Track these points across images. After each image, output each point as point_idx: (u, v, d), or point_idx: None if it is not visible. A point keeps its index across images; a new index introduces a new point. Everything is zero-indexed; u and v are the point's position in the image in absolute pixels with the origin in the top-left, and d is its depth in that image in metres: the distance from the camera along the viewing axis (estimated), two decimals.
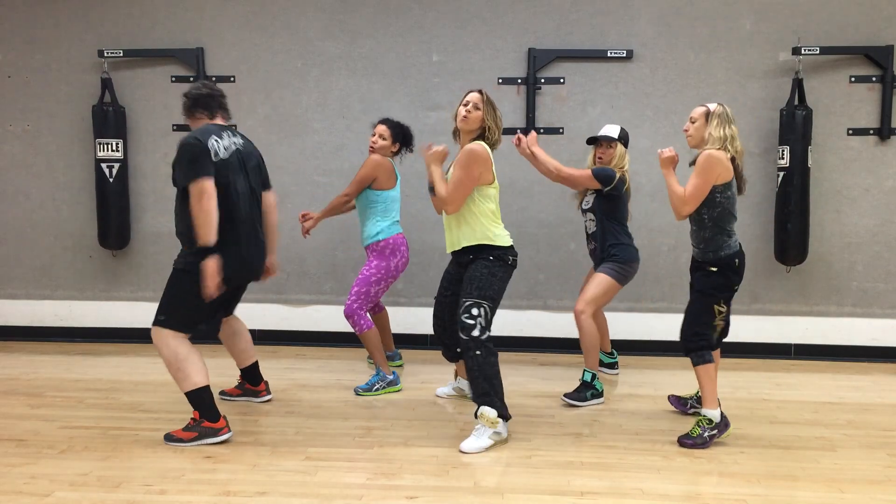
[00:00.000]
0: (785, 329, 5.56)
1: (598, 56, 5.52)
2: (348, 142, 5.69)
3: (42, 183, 5.84)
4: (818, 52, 5.33)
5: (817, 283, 5.54)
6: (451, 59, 5.62)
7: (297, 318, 5.79)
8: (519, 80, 5.59)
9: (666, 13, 5.49)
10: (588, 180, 4.41)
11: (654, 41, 5.51)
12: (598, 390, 4.29)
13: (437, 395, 4.40)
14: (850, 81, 5.42)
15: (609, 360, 4.99)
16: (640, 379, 4.89)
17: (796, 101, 5.32)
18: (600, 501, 2.95)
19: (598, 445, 3.58)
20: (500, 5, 5.57)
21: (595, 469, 3.28)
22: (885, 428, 3.92)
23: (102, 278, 5.87)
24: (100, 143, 5.56)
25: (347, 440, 3.61)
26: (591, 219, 4.53)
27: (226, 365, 4.61)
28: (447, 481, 3.13)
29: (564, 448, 3.54)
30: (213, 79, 5.56)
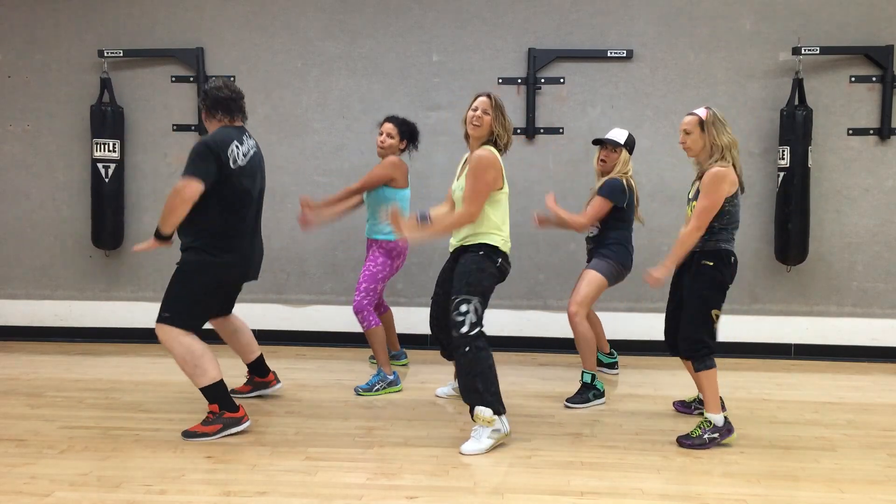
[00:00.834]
0: (785, 329, 5.56)
1: (598, 56, 5.52)
2: (348, 142, 5.69)
3: (42, 183, 5.84)
4: (818, 52, 5.33)
5: (817, 283, 5.54)
6: (451, 59, 5.62)
7: (297, 318, 5.79)
8: (519, 80, 5.59)
9: (666, 13, 5.49)
10: (604, 205, 4.34)
11: (654, 41, 5.51)
12: (600, 390, 4.28)
13: (437, 395, 4.40)
14: (850, 81, 5.42)
15: (609, 361, 4.99)
16: (640, 379, 4.89)
17: (796, 101, 5.32)
18: (600, 501, 2.95)
19: (598, 445, 3.58)
20: (500, 5, 5.57)
21: (595, 469, 3.28)
22: (885, 428, 3.92)
23: (102, 278, 5.87)
24: (96, 143, 5.56)
25: (347, 440, 3.61)
26: (594, 224, 4.52)
27: (227, 365, 4.60)
28: (447, 481, 3.12)
29: (564, 448, 3.54)
30: (213, 79, 5.54)
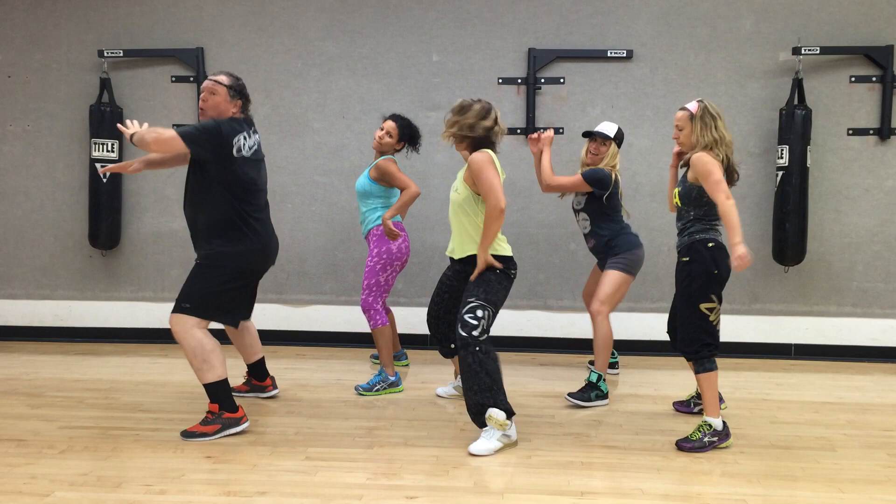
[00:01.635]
0: (785, 329, 5.56)
1: (598, 56, 5.52)
2: (348, 142, 5.69)
3: (42, 183, 5.84)
4: (818, 52, 5.33)
5: (817, 283, 5.54)
6: (451, 59, 5.62)
7: (297, 318, 5.79)
8: (519, 80, 5.59)
9: (666, 13, 5.49)
10: (580, 185, 4.38)
11: (654, 41, 5.51)
12: (604, 392, 4.28)
13: (438, 395, 4.40)
14: (850, 81, 5.43)
15: (610, 360, 4.98)
16: (640, 379, 4.89)
17: (796, 101, 5.32)
18: (600, 501, 2.95)
19: (598, 445, 3.58)
20: (500, 5, 5.57)
21: (595, 469, 3.28)
22: (885, 428, 3.92)
23: (102, 278, 5.88)
24: (95, 144, 5.56)
25: (347, 440, 3.61)
26: (584, 218, 4.52)
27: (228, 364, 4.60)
28: (447, 481, 3.12)
29: (564, 448, 3.54)
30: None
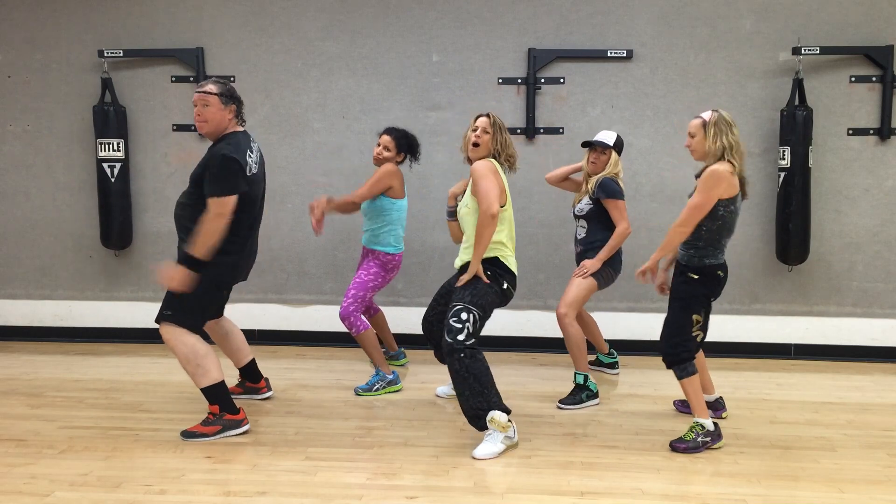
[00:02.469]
0: (785, 329, 5.56)
1: (598, 56, 5.52)
2: (348, 142, 5.69)
3: (42, 183, 5.84)
4: (818, 52, 5.33)
5: (817, 283, 5.54)
6: (451, 59, 5.62)
7: (297, 318, 5.79)
8: (519, 80, 5.58)
9: (666, 13, 5.49)
10: (622, 205, 4.34)
11: (654, 41, 5.51)
12: (593, 391, 4.28)
13: (437, 395, 4.41)
14: (850, 81, 5.42)
15: (609, 361, 4.99)
16: (640, 379, 4.89)
17: (796, 102, 5.32)
18: (600, 501, 2.95)
19: (597, 445, 3.58)
20: (500, 5, 5.57)
21: (595, 469, 3.28)
22: (885, 428, 3.92)
23: (103, 278, 5.87)
24: (101, 143, 5.56)
25: (347, 440, 3.61)
26: (581, 225, 4.50)
27: (224, 364, 4.60)
28: (447, 481, 3.13)
29: (564, 448, 3.54)
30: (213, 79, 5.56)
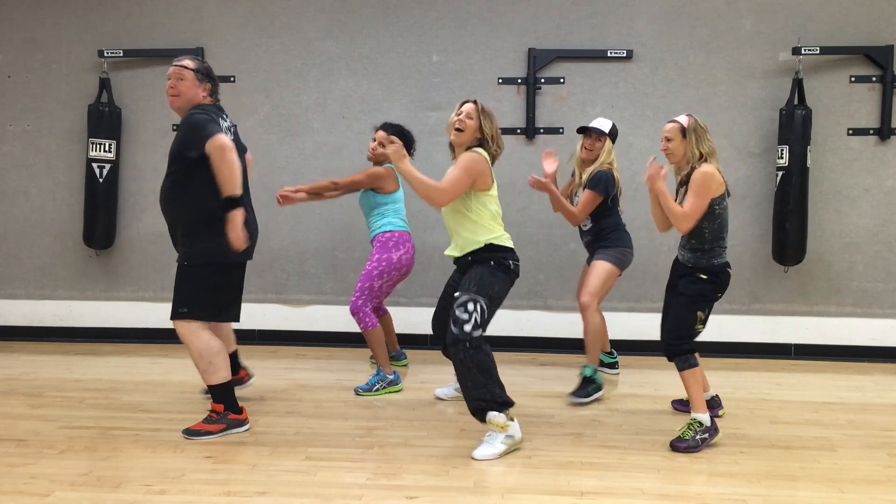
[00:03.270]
0: (785, 329, 5.56)
1: (598, 56, 5.52)
2: (348, 142, 5.69)
3: (42, 183, 5.84)
4: (818, 52, 5.33)
5: (817, 283, 5.54)
6: (451, 59, 5.62)
7: (297, 318, 5.79)
8: (519, 80, 5.58)
9: (666, 13, 5.49)
10: (595, 200, 4.39)
11: (654, 41, 5.51)
12: (599, 384, 4.32)
13: (437, 398, 4.39)
14: (850, 81, 5.42)
15: (609, 360, 4.99)
16: (640, 379, 4.89)
17: (796, 101, 5.32)
18: (600, 501, 2.95)
19: (597, 445, 3.58)
20: (500, 5, 5.57)
21: (595, 469, 3.28)
22: (885, 428, 3.92)
23: (102, 278, 5.87)
24: (92, 143, 5.56)
25: (347, 440, 3.61)
26: (586, 217, 4.53)
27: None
28: (447, 481, 3.12)
29: (564, 448, 3.54)
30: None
